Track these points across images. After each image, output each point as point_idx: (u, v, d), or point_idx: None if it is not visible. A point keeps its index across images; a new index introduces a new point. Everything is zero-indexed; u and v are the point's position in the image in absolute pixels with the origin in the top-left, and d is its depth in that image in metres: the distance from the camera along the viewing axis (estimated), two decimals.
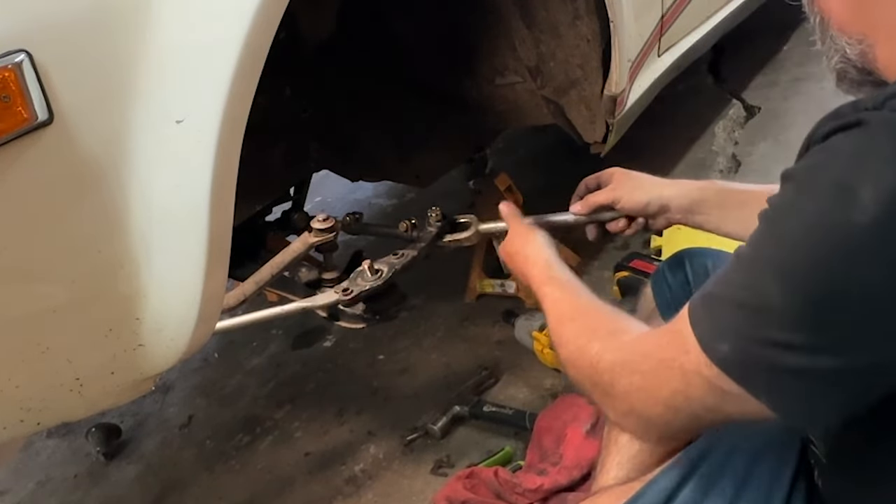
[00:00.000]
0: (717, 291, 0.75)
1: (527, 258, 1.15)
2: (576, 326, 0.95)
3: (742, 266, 0.74)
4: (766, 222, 0.73)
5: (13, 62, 0.83)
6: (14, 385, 0.96)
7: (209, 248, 0.97)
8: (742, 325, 0.70)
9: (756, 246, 0.73)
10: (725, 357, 0.71)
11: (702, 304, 0.76)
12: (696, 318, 0.75)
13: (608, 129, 1.72)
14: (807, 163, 0.71)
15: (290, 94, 1.75)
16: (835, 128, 0.69)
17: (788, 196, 0.71)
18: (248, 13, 0.94)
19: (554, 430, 1.52)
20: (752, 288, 0.71)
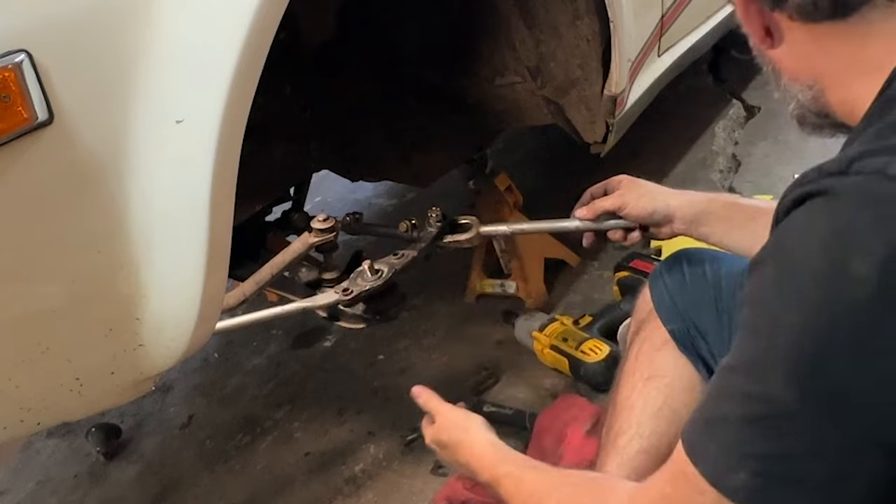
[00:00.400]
0: (712, 414, 0.69)
1: (471, 446, 1.06)
2: (557, 500, 0.88)
3: (734, 375, 0.68)
4: (750, 319, 0.68)
5: (13, 62, 0.83)
6: (14, 385, 0.96)
7: (209, 248, 0.97)
8: (755, 444, 0.64)
9: (746, 346, 0.67)
10: (744, 486, 0.64)
11: (700, 433, 0.70)
12: (698, 452, 0.68)
13: (608, 129, 1.72)
14: (777, 244, 0.67)
15: (290, 94, 1.75)
16: (801, 197, 0.65)
17: (768, 281, 0.66)
18: (248, 13, 0.94)
19: (554, 430, 1.52)
20: (754, 395, 0.65)
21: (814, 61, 0.76)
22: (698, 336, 1.17)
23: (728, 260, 1.22)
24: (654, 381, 1.18)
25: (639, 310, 1.29)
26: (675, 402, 1.16)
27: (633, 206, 1.26)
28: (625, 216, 1.29)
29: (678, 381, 1.17)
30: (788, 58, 0.79)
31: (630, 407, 1.18)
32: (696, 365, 1.17)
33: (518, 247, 1.98)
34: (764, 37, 0.79)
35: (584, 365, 1.68)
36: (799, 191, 0.66)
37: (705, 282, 1.20)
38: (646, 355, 1.21)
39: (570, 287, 2.05)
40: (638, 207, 1.26)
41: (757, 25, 0.78)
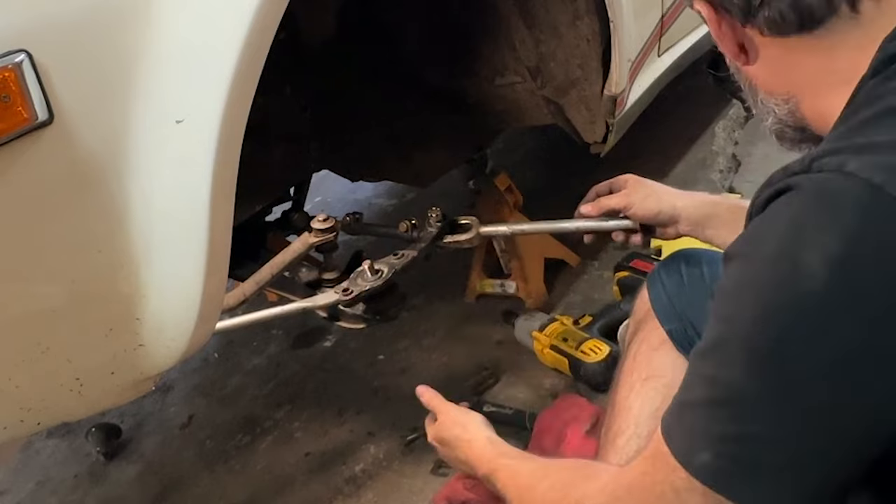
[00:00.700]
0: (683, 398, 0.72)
1: (469, 442, 1.11)
2: (546, 485, 0.90)
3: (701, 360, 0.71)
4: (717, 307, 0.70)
5: (13, 62, 0.83)
6: (14, 385, 0.96)
7: (209, 248, 0.98)
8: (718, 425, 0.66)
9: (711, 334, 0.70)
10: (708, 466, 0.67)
11: (672, 415, 0.73)
12: (670, 432, 0.71)
13: (608, 129, 1.72)
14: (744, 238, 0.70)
15: (290, 94, 1.75)
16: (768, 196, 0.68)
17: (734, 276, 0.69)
18: (248, 13, 0.94)
19: (554, 431, 1.52)
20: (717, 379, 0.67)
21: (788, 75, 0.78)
22: (696, 336, 1.17)
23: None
24: (652, 382, 1.18)
25: (637, 310, 1.29)
26: None
27: (638, 206, 1.27)
28: (630, 216, 1.29)
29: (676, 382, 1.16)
30: (763, 73, 0.81)
31: (628, 407, 1.18)
32: None
33: (518, 247, 1.98)
34: (738, 53, 0.81)
35: (584, 365, 1.68)
36: (768, 190, 0.69)
37: (703, 282, 1.20)
38: (644, 356, 1.21)
39: (570, 287, 2.05)
40: (644, 208, 1.27)
41: (731, 43, 0.80)
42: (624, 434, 1.16)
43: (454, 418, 1.18)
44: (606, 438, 1.20)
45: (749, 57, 0.80)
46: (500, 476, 1.00)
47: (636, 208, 1.27)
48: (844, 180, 0.62)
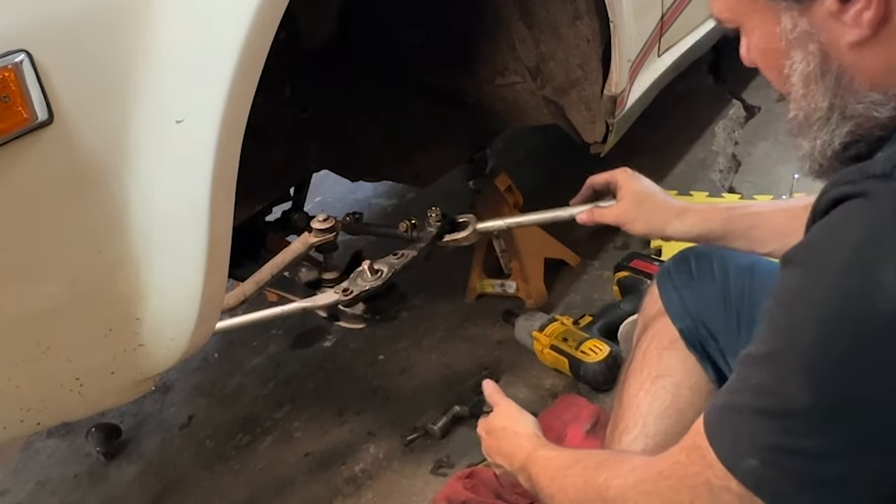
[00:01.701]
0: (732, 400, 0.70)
1: (516, 433, 1.12)
2: (576, 469, 0.91)
3: (755, 367, 0.68)
4: (775, 316, 0.67)
5: (13, 62, 0.83)
6: (14, 385, 0.96)
7: (209, 248, 0.98)
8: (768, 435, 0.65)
9: (767, 343, 0.67)
10: (754, 472, 0.66)
11: (718, 415, 0.71)
12: (714, 432, 0.70)
13: (608, 129, 1.72)
14: (809, 244, 0.65)
15: (290, 94, 1.75)
16: (838, 197, 0.63)
17: (796, 283, 0.65)
18: (248, 13, 0.94)
19: (554, 430, 1.52)
20: (770, 390, 0.65)
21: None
22: (707, 336, 1.17)
23: (736, 256, 1.21)
24: (662, 381, 1.17)
25: (646, 308, 1.29)
26: (682, 402, 1.16)
27: (630, 227, 1.27)
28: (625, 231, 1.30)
29: (685, 381, 1.17)
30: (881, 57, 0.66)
31: (637, 405, 1.18)
32: (704, 365, 1.17)
33: (518, 247, 1.98)
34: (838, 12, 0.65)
35: (584, 365, 1.68)
36: (837, 191, 0.64)
37: (713, 280, 1.20)
38: (654, 354, 1.20)
39: (570, 287, 2.05)
40: (635, 229, 1.27)
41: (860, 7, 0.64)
42: (631, 432, 1.16)
43: (508, 411, 1.19)
44: (612, 436, 1.20)
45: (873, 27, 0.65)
46: (535, 465, 1.00)
47: (628, 228, 1.27)
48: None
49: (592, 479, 0.85)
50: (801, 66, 0.71)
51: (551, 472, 0.96)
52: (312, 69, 1.76)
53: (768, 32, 0.72)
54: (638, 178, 1.29)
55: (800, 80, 0.72)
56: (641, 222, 1.25)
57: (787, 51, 0.72)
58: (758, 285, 1.15)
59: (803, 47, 0.70)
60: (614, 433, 1.19)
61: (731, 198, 2.16)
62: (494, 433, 1.17)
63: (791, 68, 0.72)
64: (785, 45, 0.71)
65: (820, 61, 0.70)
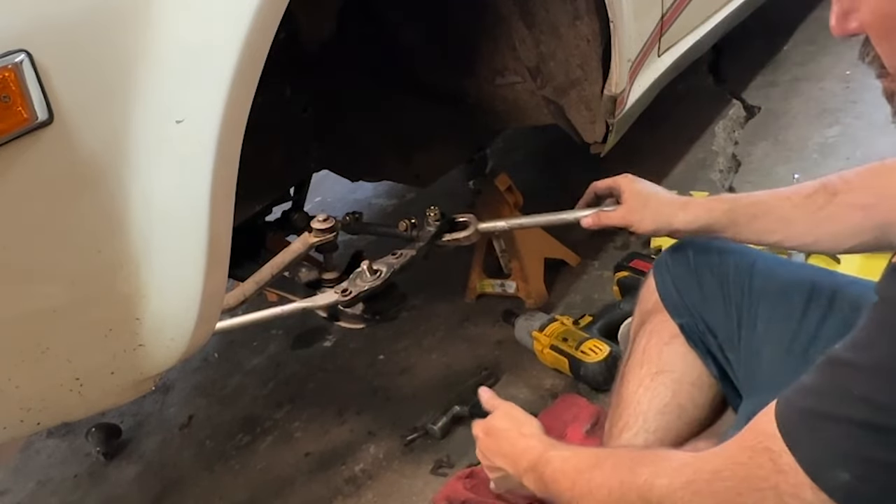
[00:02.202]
0: (822, 407, 0.66)
1: (522, 434, 1.07)
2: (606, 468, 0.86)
3: (859, 376, 0.64)
4: (884, 322, 0.64)
5: (13, 62, 0.83)
6: (14, 385, 0.96)
7: (209, 248, 0.98)
8: (870, 450, 0.62)
9: (878, 351, 0.63)
10: (845, 486, 0.63)
11: (802, 420, 0.67)
12: (797, 437, 0.66)
13: (608, 129, 1.72)
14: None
15: (290, 94, 1.75)
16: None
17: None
18: (248, 13, 0.94)
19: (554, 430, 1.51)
20: (884, 405, 0.62)
21: None
22: (707, 331, 1.17)
23: (736, 250, 1.21)
24: (662, 377, 1.17)
25: (643, 299, 1.28)
26: (683, 398, 1.16)
27: (637, 226, 1.26)
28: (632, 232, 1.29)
29: (686, 377, 1.17)
30: None
31: (637, 401, 1.17)
32: (705, 360, 1.17)
33: (518, 247, 1.98)
34: None
35: (584, 365, 1.68)
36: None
37: (712, 274, 1.19)
38: (654, 349, 1.20)
39: (570, 287, 2.05)
40: (642, 227, 1.25)
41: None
42: (631, 429, 1.15)
43: (510, 413, 1.13)
44: (612, 432, 1.19)
45: None
46: (549, 465, 0.95)
47: (635, 228, 1.26)
48: None
49: (630, 480, 0.80)
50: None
51: (572, 474, 0.90)
52: (312, 69, 1.76)
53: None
54: (639, 181, 1.29)
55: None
56: (648, 220, 1.24)
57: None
58: (758, 281, 1.15)
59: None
60: (613, 430, 1.18)
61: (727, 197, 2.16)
62: (494, 434, 1.12)
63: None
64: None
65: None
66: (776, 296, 1.12)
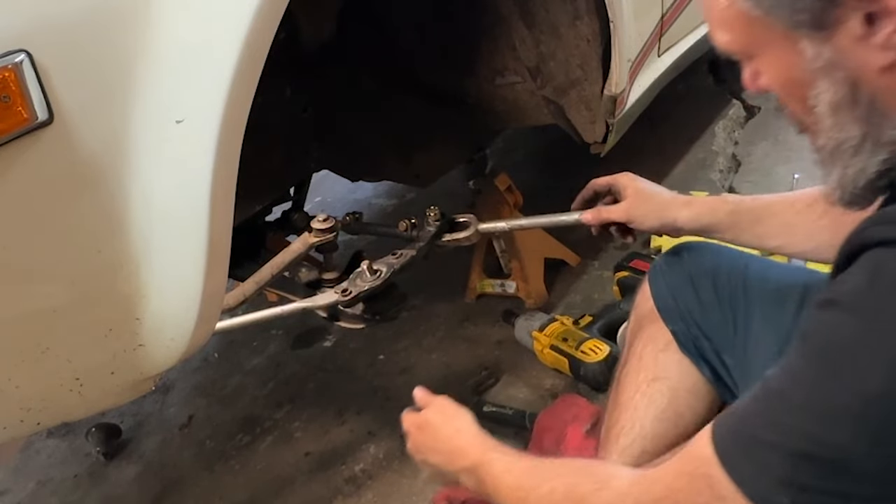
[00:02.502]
0: (760, 436, 0.67)
1: (458, 430, 1.04)
2: (547, 488, 0.85)
3: (793, 409, 0.65)
4: (821, 360, 0.64)
5: (13, 62, 0.83)
6: (14, 385, 0.96)
7: (209, 248, 0.98)
8: (806, 478, 0.63)
9: (813, 389, 0.64)
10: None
11: (741, 448, 0.68)
12: (735, 464, 0.67)
13: (608, 129, 1.72)
14: (862, 288, 0.62)
15: (290, 94, 1.75)
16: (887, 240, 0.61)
17: (847, 331, 0.62)
18: (248, 13, 0.94)
19: (554, 430, 1.52)
20: (817, 438, 0.62)
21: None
22: (701, 336, 1.17)
23: (730, 254, 1.21)
24: (658, 384, 1.17)
25: (638, 306, 1.28)
26: (680, 405, 1.16)
27: (638, 224, 1.25)
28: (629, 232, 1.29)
29: (682, 384, 1.17)
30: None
31: (633, 407, 1.17)
32: (700, 366, 1.17)
33: (518, 247, 1.98)
34: (865, 36, 0.61)
35: (584, 365, 1.68)
36: (879, 232, 0.61)
37: (706, 278, 1.19)
38: (650, 356, 1.20)
39: (570, 287, 2.05)
40: (645, 225, 1.24)
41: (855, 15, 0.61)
42: (628, 435, 1.16)
43: (444, 407, 1.10)
44: (608, 437, 1.19)
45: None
46: (490, 470, 0.93)
47: (636, 224, 1.25)
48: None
49: (573, 491, 0.81)
50: (828, 96, 0.67)
51: (512, 490, 0.89)
52: (312, 69, 1.76)
53: (788, 63, 0.69)
54: (640, 179, 1.28)
55: (828, 109, 0.68)
56: (652, 216, 1.23)
57: (811, 80, 0.68)
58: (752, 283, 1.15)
59: (829, 75, 0.66)
60: (610, 434, 1.19)
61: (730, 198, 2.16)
62: (428, 428, 1.08)
63: (817, 98, 0.68)
64: (808, 75, 0.67)
65: (849, 89, 0.66)
66: (770, 298, 1.12)
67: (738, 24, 0.70)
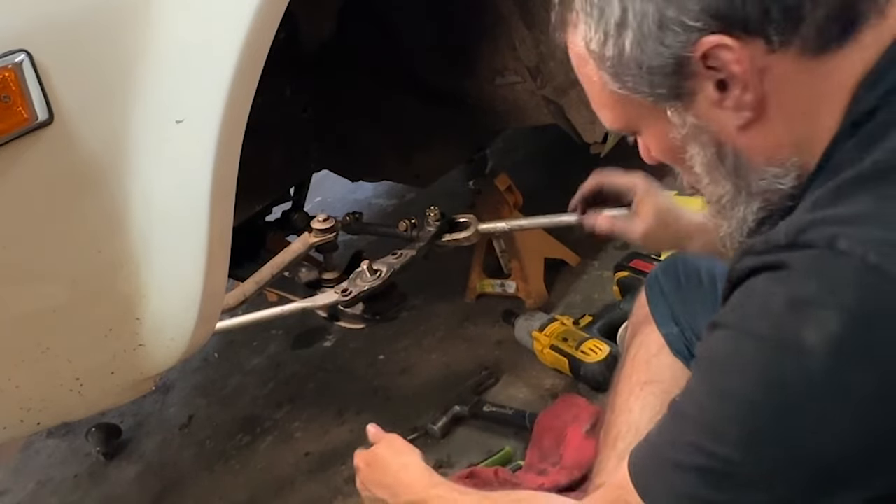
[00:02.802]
0: (664, 454, 0.71)
1: (405, 466, 1.06)
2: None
3: (688, 425, 0.69)
4: (707, 376, 0.69)
5: (13, 62, 0.83)
6: (14, 385, 0.96)
7: (209, 248, 0.98)
8: (706, 491, 0.66)
9: (702, 404, 0.68)
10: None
11: (648, 469, 0.72)
12: (647, 487, 0.71)
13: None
14: (737, 310, 0.68)
15: (290, 94, 1.75)
16: (755, 268, 0.66)
17: (727, 348, 0.67)
18: (248, 13, 0.94)
19: (554, 430, 1.52)
20: (708, 450, 0.66)
21: (807, 113, 0.68)
22: (694, 339, 1.18)
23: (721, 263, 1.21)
24: (651, 387, 1.18)
25: (635, 312, 1.30)
26: None
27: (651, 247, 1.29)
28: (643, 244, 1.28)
29: (675, 387, 1.17)
30: (770, 133, 0.69)
31: (629, 410, 1.18)
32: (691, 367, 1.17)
33: (518, 247, 1.98)
34: (719, 100, 0.68)
35: (584, 365, 1.68)
36: (750, 262, 0.66)
37: (701, 284, 1.20)
38: (642, 360, 1.21)
39: (570, 287, 2.05)
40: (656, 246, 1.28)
41: (707, 85, 0.68)
42: (625, 439, 1.16)
43: (392, 443, 1.12)
44: (606, 441, 1.20)
45: (755, 107, 0.68)
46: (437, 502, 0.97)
47: (649, 245, 1.27)
48: (837, 259, 0.60)
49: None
50: (700, 157, 0.74)
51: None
52: (312, 69, 1.76)
53: (662, 132, 0.75)
54: (658, 192, 1.26)
55: (702, 169, 0.75)
56: (666, 244, 1.25)
57: (683, 146, 0.75)
58: None
59: (696, 139, 0.73)
60: (608, 438, 1.20)
61: None
62: (376, 463, 1.11)
63: (691, 160, 0.75)
64: (680, 141, 0.74)
65: (715, 149, 0.73)
66: None
67: (614, 104, 0.77)
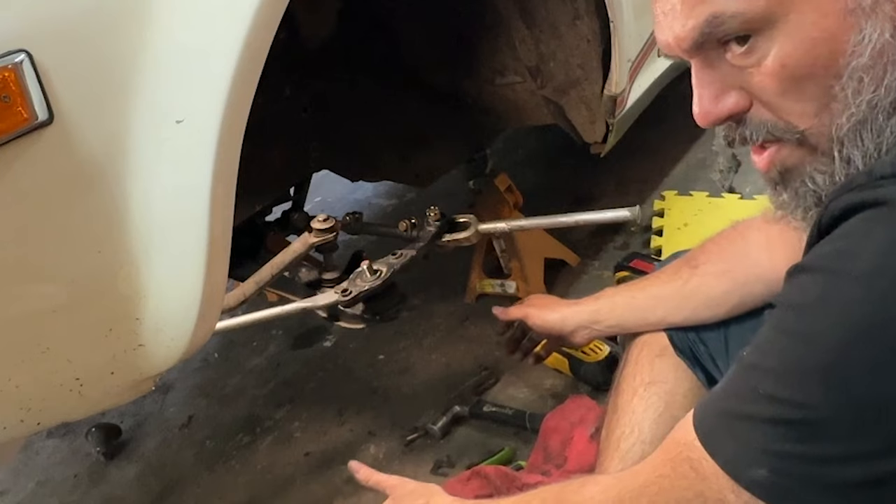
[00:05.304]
0: (734, 408, 0.67)
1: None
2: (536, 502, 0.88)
3: (764, 376, 0.65)
4: (789, 322, 0.65)
5: (13, 62, 0.83)
6: (14, 385, 0.96)
7: (209, 248, 0.98)
8: (781, 444, 0.63)
9: (780, 352, 0.65)
10: (762, 482, 0.64)
11: (717, 427, 0.69)
12: (715, 442, 0.68)
13: (608, 129, 1.72)
14: (828, 252, 0.62)
15: (290, 94, 1.75)
16: (852, 206, 0.60)
17: (815, 290, 0.62)
18: (248, 13, 0.94)
19: (561, 432, 1.51)
20: (789, 400, 0.62)
21: None
22: (697, 341, 1.17)
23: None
24: (655, 387, 1.18)
25: None
26: (676, 409, 1.16)
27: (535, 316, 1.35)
28: (529, 325, 1.38)
29: (678, 388, 1.17)
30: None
31: (632, 410, 1.18)
32: (695, 370, 1.17)
33: (518, 247, 1.98)
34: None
35: (584, 365, 1.68)
36: (847, 199, 0.60)
37: None
38: (646, 360, 1.21)
39: (570, 287, 2.05)
40: (541, 317, 1.35)
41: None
42: (628, 439, 1.16)
43: (411, 489, 1.06)
44: (608, 441, 1.19)
45: None
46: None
47: (533, 317, 1.36)
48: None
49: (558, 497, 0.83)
50: (870, 44, 0.59)
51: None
52: (312, 69, 1.76)
53: (825, 11, 0.60)
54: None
55: (866, 61, 0.60)
56: (546, 312, 1.35)
57: (855, 23, 0.59)
58: None
59: (880, 7, 0.59)
60: (610, 438, 1.19)
61: (731, 198, 2.16)
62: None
63: (860, 44, 0.59)
64: (847, 21, 0.59)
65: (892, 30, 0.59)
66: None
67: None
